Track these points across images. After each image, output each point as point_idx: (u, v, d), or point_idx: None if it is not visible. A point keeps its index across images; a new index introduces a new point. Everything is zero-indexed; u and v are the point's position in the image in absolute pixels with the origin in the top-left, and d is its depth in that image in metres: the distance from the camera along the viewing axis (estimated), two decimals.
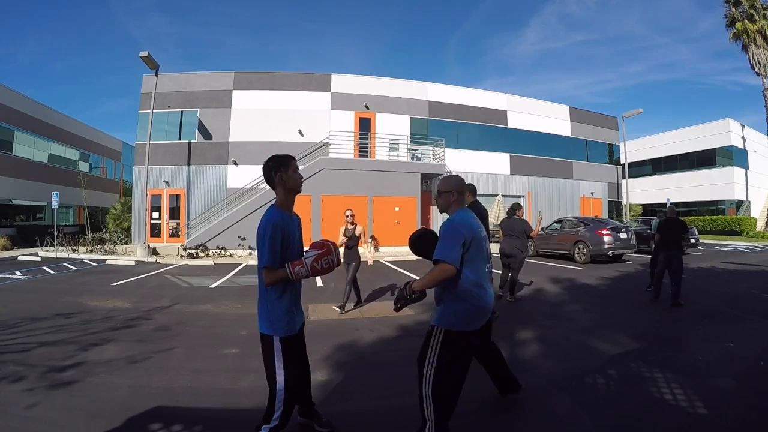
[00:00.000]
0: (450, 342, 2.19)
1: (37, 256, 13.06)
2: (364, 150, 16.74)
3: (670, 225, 6.31)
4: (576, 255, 11.51)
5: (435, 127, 18.02)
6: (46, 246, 14.83)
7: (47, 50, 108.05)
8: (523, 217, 6.59)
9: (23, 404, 2.81)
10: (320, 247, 2.17)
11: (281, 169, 2.22)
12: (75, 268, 10.62)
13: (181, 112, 16.38)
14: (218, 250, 13.91)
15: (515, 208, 6.50)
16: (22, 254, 13.28)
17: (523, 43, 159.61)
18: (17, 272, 9.67)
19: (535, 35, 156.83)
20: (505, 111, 19.64)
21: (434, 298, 2.37)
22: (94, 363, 3.65)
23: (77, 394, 3.01)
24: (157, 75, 14.22)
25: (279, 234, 2.11)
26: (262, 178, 2.31)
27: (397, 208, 15.23)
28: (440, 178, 2.57)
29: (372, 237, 14.70)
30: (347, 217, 5.93)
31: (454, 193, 2.36)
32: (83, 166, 24.23)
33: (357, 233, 5.93)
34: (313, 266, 2.11)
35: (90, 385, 3.17)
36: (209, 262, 12.31)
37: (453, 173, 2.40)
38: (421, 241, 2.54)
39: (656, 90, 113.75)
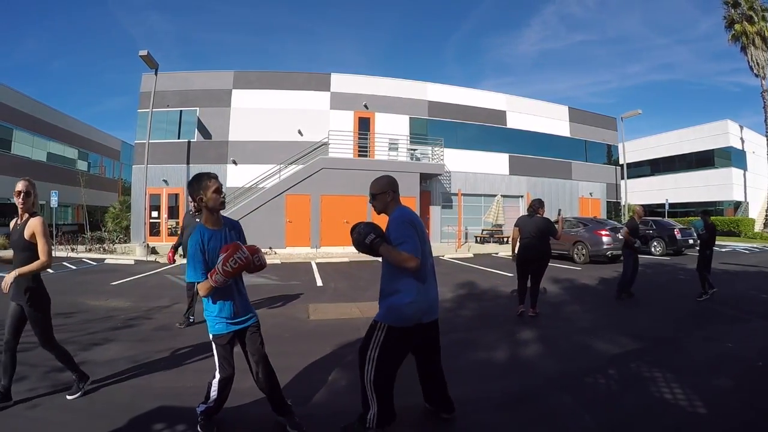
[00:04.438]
0: (391, 337, 2.32)
1: None
2: (363, 150, 16.75)
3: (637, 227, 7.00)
4: (575, 255, 11.56)
5: (434, 127, 18.03)
6: None
7: (46, 48, 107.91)
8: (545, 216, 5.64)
9: (26, 405, 2.82)
10: (224, 251, 2.29)
11: (200, 192, 2.39)
12: (74, 267, 10.62)
13: (181, 111, 16.35)
14: None
15: (537, 206, 5.55)
16: None
17: (523, 43, 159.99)
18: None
19: (535, 35, 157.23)
20: (505, 111, 19.66)
21: (379, 292, 2.44)
22: (96, 363, 3.66)
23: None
24: (156, 74, 14.17)
25: (200, 253, 2.34)
26: (262, 177, 2.37)
27: None
28: (372, 181, 2.53)
29: None
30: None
31: (390, 193, 2.44)
32: (82, 165, 24.18)
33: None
34: (224, 270, 2.25)
35: (92, 385, 3.17)
36: None
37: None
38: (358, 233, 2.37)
39: (655, 91, 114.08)
